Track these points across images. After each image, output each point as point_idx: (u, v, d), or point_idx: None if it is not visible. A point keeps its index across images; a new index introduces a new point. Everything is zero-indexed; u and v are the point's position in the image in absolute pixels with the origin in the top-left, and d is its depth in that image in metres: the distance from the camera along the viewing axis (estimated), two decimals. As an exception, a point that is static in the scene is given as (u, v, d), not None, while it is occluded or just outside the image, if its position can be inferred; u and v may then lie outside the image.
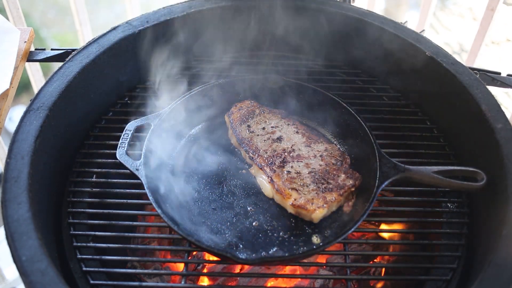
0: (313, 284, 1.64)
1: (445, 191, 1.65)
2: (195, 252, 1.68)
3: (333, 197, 1.53)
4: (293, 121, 1.79)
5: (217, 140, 1.79)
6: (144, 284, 1.43)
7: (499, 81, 1.86)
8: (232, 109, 1.80)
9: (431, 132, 1.83)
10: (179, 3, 2.01)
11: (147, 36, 1.91)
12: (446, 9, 5.27)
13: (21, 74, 1.81)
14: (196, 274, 1.61)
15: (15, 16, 2.27)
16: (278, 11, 1.99)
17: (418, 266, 1.61)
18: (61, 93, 1.63)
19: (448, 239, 1.56)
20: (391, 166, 1.51)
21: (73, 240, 1.52)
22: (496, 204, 1.47)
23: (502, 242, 1.34)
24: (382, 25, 1.93)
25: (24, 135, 1.50)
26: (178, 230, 1.39)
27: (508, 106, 4.19)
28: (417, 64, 1.85)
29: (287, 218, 1.56)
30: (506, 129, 1.56)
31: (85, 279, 1.45)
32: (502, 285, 1.27)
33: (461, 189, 1.51)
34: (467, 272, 1.48)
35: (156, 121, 1.64)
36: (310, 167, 1.62)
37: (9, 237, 1.30)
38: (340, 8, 2.00)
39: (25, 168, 1.42)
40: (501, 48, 4.74)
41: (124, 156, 1.53)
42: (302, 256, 1.43)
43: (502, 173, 1.48)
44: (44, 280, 1.23)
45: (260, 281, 1.64)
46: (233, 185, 1.65)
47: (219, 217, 1.56)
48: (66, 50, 1.89)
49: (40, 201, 1.45)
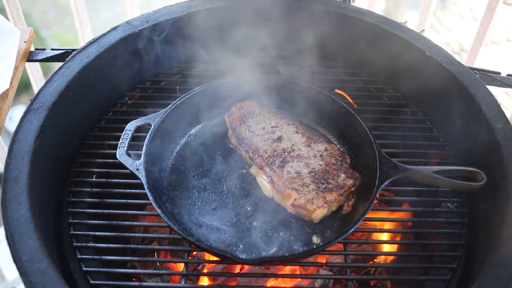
0: (313, 284, 1.63)
1: (445, 191, 1.65)
2: (195, 252, 1.68)
3: (333, 197, 1.53)
4: (293, 121, 1.79)
5: (217, 140, 1.79)
6: (144, 284, 1.43)
7: (499, 81, 1.86)
8: (232, 109, 1.80)
9: (431, 132, 1.83)
10: (179, 3, 2.01)
11: (147, 36, 1.91)
12: (446, 9, 5.27)
13: (21, 74, 1.81)
14: (196, 274, 1.61)
15: (15, 16, 2.27)
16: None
17: (418, 266, 1.61)
18: (61, 93, 1.63)
19: (448, 239, 1.56)
20: (391, 166, 1.51)
21: (73, 240, 1.52)
22: (496, 204, 1.47)
23: (502, 242, 1.34)
24: (382, 25, 1.94)
25: (24, 135, 1.50)
26: (178, 230, 1.39)
27: (508, 106, 4.19)
28: (417, 64, 1.85)
29: (287, 218, 1.56)
30: (506, 129, 1.56)
31: (85, 279, 1.45)
32: (502, 285, 1.28)
33: (461, 189, 1.51)
34: (467, 272, 1.48)
35: (156, 121, 1.64)
36: (310, 167, 1.62)
37: (9, 237, 1.30)
38: (339, 8, 2.00)
39: (25, 168, 1.42)
40: (501, 48, 4.74)
41: (124, 156, 1.53)
42: (302, 256, 1.43)
43: (502, 173, 1.48)
44: (44, 280, 1.23)
45: (260, 281, 1.64)
46: (233, 185, 1.65)
47: (219, 217, 1.56)
48: (66, 50, 1.89)
49: (40, 201, 1.45)
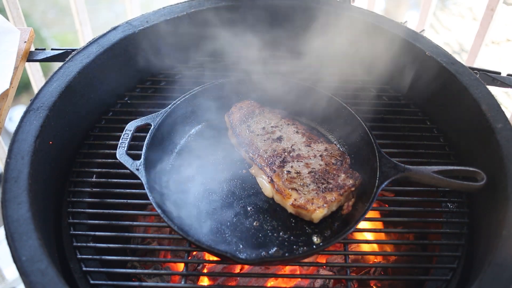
0: (313, 284, 1.63)
1: (445, 191, 1.65)
2: (195, 252, 1.68)
3: (333, 197, 1.53)
4: (293, 121, 1.79)
5: (217, 140, 1.79)
6: (144, 284, 1.43)
7: (499, 81, 1.86)
8: (232, 109, 1.80)
9: (431, 132, 1.83)
10: (179, 3, 2.01)
11: (147, 36, 1.91)
12: (446, 9, 5.27)
13: (21, 74, 1.81)
14: (196, 274, 1.61)
15: (15, 16, 2.27)
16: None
17: (418, 266, 1.61)
18: (61, 93, 1.63)
19: (448, 239, 1.56)
20: (391, 166, 1.51)
21: (73, 240, 1.52)
22: (496, 204, 1.47)
23: (502, 242, 1.34)
24: (382, 25, 1.94)
25: (24, 135, 1.50)
26: (178, 230, 1.39)
27: (508, 106, 4.19)
28: (417, 64, 1.85)
29: (287, 218, 1.56)
30: (506, 129, 1.56)
31: (85, 279, 1.45)
32: (502, 285, 1.28)
33: (461, 189, 1.50)
34: (467, 272, 1.48)
35: (156, 121, 1.64)
36: (310, 167, 1.61)
37: (9, 237, 1.30)
38: (337, 8, 2.00)
39: (25, 168, 1.42)
40: (501, 48, 4.74)
41: (124, 156, 1.53)
42: (302, 256, 1.43)
43: (502, 173, 1.48)
44: (44, 280, 1.23)
45: (260, 281, 1.64)
46: (233, 185, 1.65)
47: (219, 217, 1.55)
48: (66, 50, 1.89)
49: (40, 201, 1.45)
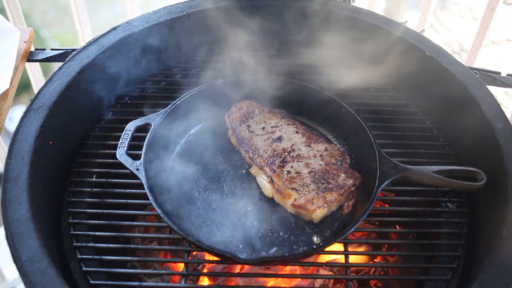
0: (313, 284, 1.63)
1: (445, 191, 1.65)
2: (195, 252, 1.68)
3: (333, 197, 1.52)
4: (293, 121, 1.79)
5: (217, 140, 1.79)
6: (144, 284, 1.43)
7: (499, 81, 1.86)
8: (232, 108, 1.80)
9: (431, 132, 1.83)
10: (179, 3, 2.01)
11: (147, 36, 1.91)
12: (446, 9, 5.27)
13: (21, 74, 1.81)
14: (196, 274, 1.61)
15: (15, 16, 2.27)
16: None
17: (418, 266, 1.61)
18: (61, 93, 1.63)
19: (448, 239, 1.56)
20: (391, 166, 1.51)
21: (73, 240, 1.52)
22: (496, 204, 1.47)
23: (502, 242, 1.34)
24: (382, 25, 1.94)
25: (24, 135, 1.50)
26: (178, 230, 1.39)
27: (508, 106, 4.19)
28: (417, 64, 1.85)
29: (287, 218, 1.56)
30: (506, 129, 1.56)
31: (85, 279, 1.45)
32: (502, 285, 1.28)
33: (461, 189, 1.51)
34: (467, 272, 1.48)
35: (156, 121, 1.64)
36: (310, 167, 1.61)
37: (9, 237, 1.30)
38: (337, 8, 2.00)
39: (25, 168, 1.42)
40: (501, 48, 4.74)
41: (124, 156, 1.53)
42: (302, 256, 1.43)
43: (502, 173, 1.48)
44: (44, 280, 1.23)
45: (260, 281, 1.64)
46: (233, 185, 1.65)
47: (219, 217, 1.55)
48: (66, 50, 1.89)
49: (40, 201, 1.45)
